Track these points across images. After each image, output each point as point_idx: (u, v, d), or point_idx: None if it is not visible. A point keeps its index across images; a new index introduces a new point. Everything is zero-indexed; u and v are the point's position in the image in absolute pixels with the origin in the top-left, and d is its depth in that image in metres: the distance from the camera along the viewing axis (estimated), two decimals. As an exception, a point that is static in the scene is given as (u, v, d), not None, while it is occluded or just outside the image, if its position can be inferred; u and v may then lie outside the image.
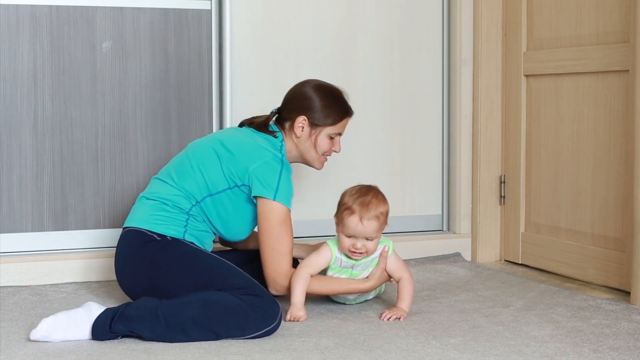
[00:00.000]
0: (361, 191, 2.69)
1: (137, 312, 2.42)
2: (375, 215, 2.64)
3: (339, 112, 2.84)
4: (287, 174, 2.72)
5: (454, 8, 3.63)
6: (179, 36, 3.34)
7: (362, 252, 2.67)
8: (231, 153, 2.73)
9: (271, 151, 2.74)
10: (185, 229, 2.69)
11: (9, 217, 3.19)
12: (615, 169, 3.05)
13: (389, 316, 2.63)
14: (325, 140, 2.83)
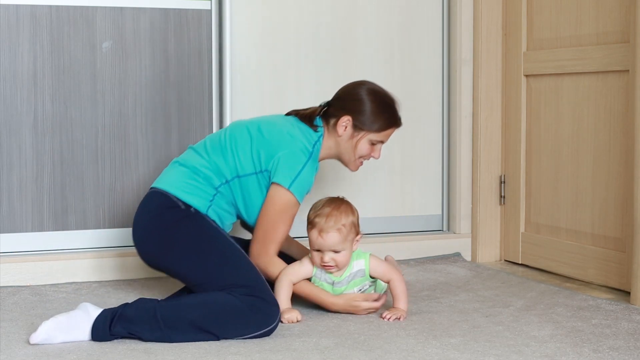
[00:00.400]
0: (324, 203, 2.69)
1: (135, 313, 2.42)
2: (335, 228, 2.62)
3: (386, 120, 2.80)
4: (310, 169, 2.72)
5: (454, 8, 3.63)
6: (179, 36, 3.34)
7: (332, 266, 2.64)
8: (263, 137, 2.74)
9: (303, 143, 2.74)
10: (210, 203, 2.70)
11: (9, 217, 3.19)
12: (615, 169, 3.05)
13: (389, 316, 2.63)
14: (365, 145, 2.80)
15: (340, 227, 2.63)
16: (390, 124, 2.81)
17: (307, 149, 2.73)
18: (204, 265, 2.59)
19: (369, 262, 2.70)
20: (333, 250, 2.63)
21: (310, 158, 2.72)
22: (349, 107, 2.79)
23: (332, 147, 2.83)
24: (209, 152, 2.76)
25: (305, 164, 2.70)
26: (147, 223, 2.69)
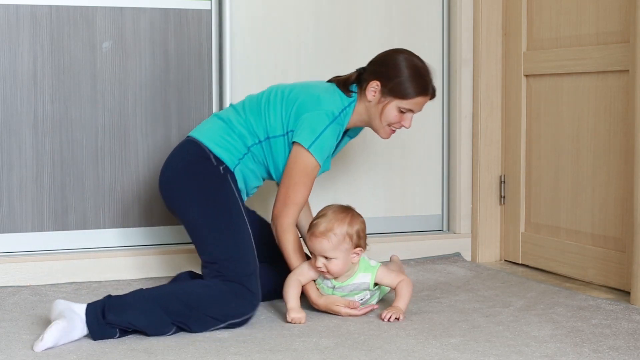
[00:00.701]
0: (329, 209, 2.69)
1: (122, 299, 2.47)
2: (323, 234, 2.61)
3: (415, 88, 2.75)
4: (332, 132, 2.72)
5: (454, 8, 3.63)
6: (179, 36, 3.34)
7: (323, 271, 2.64)
8: (294, 99, 2.77)
9: (330, 106, 2.74)
10: (238, 162, 2.76)
11: (9, 217, 3.19)
12: (615, 169, 3.05)
13: (388, 316, 2.63)
14: (392, 112, 2.77)
15: (330, 236, 2.61)
16: (418, 92, 2.76)
17: (333, 113, 2.73)
18: (211, 231, 2.66)
19: (376, 275, 2.69)
20: (323, 255, 2.62)
21: (333, 121, 2.72)
22: (379, 72, 2.78)
23: (363, 113, 2.82)
24: (246, 111, 2.82)
25: (327, 126, 2.71)
26: (176, 168, 2.76)
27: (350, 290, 2.69)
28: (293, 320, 2.60)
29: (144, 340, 2.42)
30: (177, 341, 2.41)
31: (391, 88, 2.75)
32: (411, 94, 2.75)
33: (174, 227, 3.35)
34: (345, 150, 3.54)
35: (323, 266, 2.63)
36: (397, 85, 2.75)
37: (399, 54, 2.81)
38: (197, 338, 2.44)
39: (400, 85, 2.75)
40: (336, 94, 2.80)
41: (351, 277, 2.67)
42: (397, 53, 2.81)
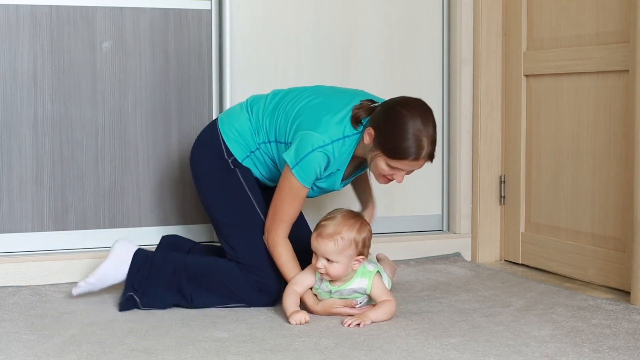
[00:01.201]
0: (337, 212, 2.68)
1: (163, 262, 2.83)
2: (331, 237, 2.60)
3: (404, 152, 2.58)
4: (316, 158, 2.66)
5: (454, 8, 3.63)
6: (179, 36, 3.34)
7: (323, 273, 2.63)
8: (301, 113, 2.76)
9: (325, 133, 2.68)
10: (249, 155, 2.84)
11: (9, 217, 3.19)
12: (615, 169, 3.05)
13: (349, 322, 2.57)
14: (381, 164, 2.65)
15: (337, 239, 2.60)
16: (406, 157, 2.59)
17: (323, 140, 2.67)
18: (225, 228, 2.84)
19: (372, 282, 2.67)
20: (326, 257, 2.62)
21: (320, 148, 2.66)
22: (377, 121, 2.64)
23: (364, 150, 2.73)
24: (266, 107, 2.85)
25: (312, 152, 2.66)
26: (195, 162, 2.92)
27: (348, 295, 2.69)
28: (297, 321, 2.60)
29: (144, 340, 2.42)
30: (177, 341, 2.41)
31: (381, 142, 2.61)
32: (398, 155, 2.60)
33: (174, 227, 3.35)
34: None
35: (323, 267, 2.62)
36: (386, 142, 2.60)
37: (403, 108, 2.61)
38: (197, 338, 2.44)
39: (389, 143, 2.59)
40: (343, 122, 2.71)
41: (348, 282, 2.67)
42: (402, 107, 2.61)
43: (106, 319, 2.64)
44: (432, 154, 2.62)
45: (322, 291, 2.70)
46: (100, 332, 2.49)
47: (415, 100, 2.67)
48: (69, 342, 2.40)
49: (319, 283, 2.70)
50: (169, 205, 3.36)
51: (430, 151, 2.61)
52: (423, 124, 2.58)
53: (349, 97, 2.80)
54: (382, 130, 2.61)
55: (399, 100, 2.67)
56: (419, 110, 2.61)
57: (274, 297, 2.80)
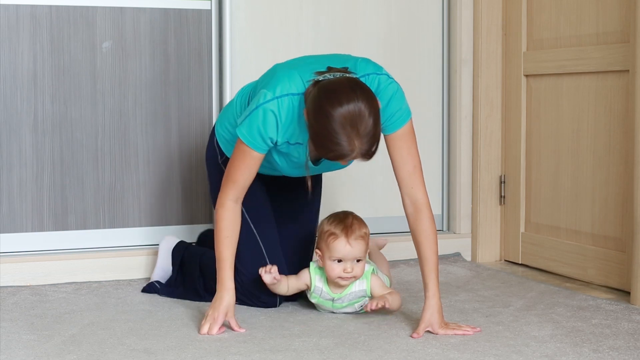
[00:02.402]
0: (338, 216, 2.66)
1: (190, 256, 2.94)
2: (360, 235, 2.61)
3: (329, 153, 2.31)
4: (260, 116, 2.43)
5: (454, 8, 3.63)
6: (179, 36, 3.34)
7: (350, 277, 2.62)
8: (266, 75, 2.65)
9: (273, 90, 2.44)
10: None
11: (9, 217, 3.19)
12: (615, 169, 3.05)
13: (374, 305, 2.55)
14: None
15: (363, 235, 2.62)
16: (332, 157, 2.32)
17: (266, 97, 2.43)
18: None
19: (371, 282, 2.67)
20: (357, 259, 2.61)
21: (263, 104, 2.42)
22: (308, 106, 2.36)
23: None
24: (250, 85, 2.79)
25: (255, 109, 2.43)
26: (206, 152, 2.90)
27: (349, 300, 2.68)
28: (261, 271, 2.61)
29: (143, 340, 2.42)
30: (177, 341, 2.41)
31: (310, 135, 2.34)
32: (325, 155, 2.33)
33: (174, 227, 3.35)
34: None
35: (352, 270, 2.60)
36: (314, 137, 2.32)
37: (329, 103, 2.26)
38: (197, 338, 2.44)
39: (317, 140, 2.31)
40: (296, 80, 2.45)
41: (348, 287, 2.67)
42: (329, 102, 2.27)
43: (106, 319, 2.64)
44: (368, 152, 2.31)
45: (323, 299, 2.69)
46: (100, 332, 2.49)
47: (343, 88, 2.30)
48: (69, 342, 2.40)
49: (319, 291, 2.68)
50: (169, 205, 3.36)
51: (366, 150, 2.30)
52: (352, 124, 2.25)
53: (324, 60, 2.52)
54: (310, 124, 2.33)
55: (326, 91, 2.30)
56: (347, 107, 2.26)
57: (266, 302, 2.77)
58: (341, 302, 2.68)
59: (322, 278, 2.68)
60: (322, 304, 2.70)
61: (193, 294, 2.89)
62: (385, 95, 2.48)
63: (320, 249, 2.65)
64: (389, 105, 2.49)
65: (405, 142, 2.52)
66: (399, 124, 2.51)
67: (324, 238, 2.63)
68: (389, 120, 2.50)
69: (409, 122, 2.53)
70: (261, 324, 2.61)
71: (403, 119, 2.52)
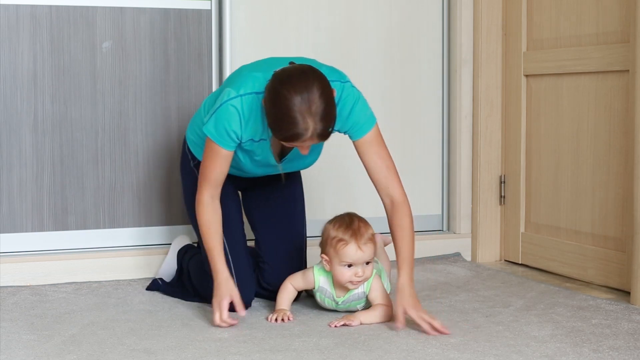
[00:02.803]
0: (344, 220, 2.62)
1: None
2: (369, 239, 2.60)
3: (285, 135, 2.38)
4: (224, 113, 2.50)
5: (454, 8, 3.63)
6: (179, 36, 3.34)
7: (362, 280, 2.61)
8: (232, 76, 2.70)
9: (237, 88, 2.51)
10: None
11: (9, 217, 3.19)
12: (615, 169, 3.05)
13: (335, 324, 2.56)
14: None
15: (372, 237, 2.61)
16: (288, 139, 2.39)
17: (230, 95, 2.50)
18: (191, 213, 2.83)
19: (371, 284, 2.66)
20: (367, 262, 2.60)
21: (227, 101, 2.50)
22: (265, 95, 2.44)
23: None
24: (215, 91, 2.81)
25: (220, 106, 2.51)
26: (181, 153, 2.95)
27: (352, 301, 2.67)
28: (270, 319, 2.60)
29: (143, 340, 2.42)
30: (177, 341, 2.41)
31: (269, 123, 2.42)
32: (283, 139, 2.41)
33: (174, 227, 3.35)
34: (345, 150, 3.53)
35: (363, 274, 2.59)
36: (272, 123, 2.41)
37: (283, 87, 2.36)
38: (197, 338, 2.44)
39: (274, 124, 2.40)
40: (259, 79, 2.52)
41: (351, 290, 2.66)
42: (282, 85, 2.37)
43: (106, 319, 2.64)
44: (324, 132, 2.38)
45: (329, 300, 2.68)
46: (100, 332, 2.49)
47: (296, 73, 2.39)
48: (69, 342, 2.40)
49: (323, 290, 2.67)
50: (169, 205, 3.36)
51: (321, 130, 2.36)
52: (302, 102, 2.33)
53: (285, 61, 2.58)
54: (267, 110, 2.41)
55: (281, 77, 2.40)
56: (299, 87, 2.34)
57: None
58: (344, 305, 2.68)
59: (328, 280, 2.67)
60: (326, 304, 2.70)
61: (189, 296, 2.91)
62: (349, 102, 2.58)
63: (328, 254, 2.61)
64: (353, 112, 2.58)
65: (373, 147, 2.62)
66: (365, 130, 2.60)
67: (332, 244, 2.59)
68: (355, 127, 2.60)
69: (375, 127, 2.62)
70: (261, 324, 2.61)
71: (369, 125, 2.61)
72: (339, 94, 2.56)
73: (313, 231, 3.45)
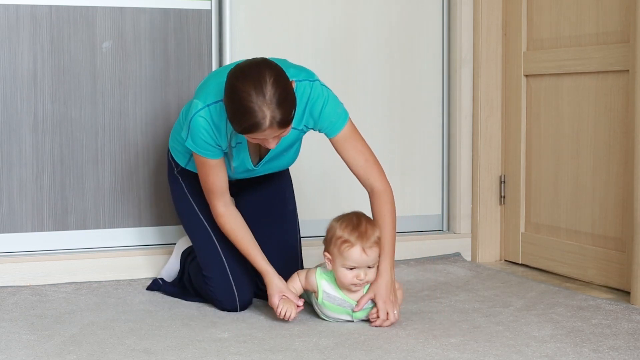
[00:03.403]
0: (352, 221, 2.56)
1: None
2: (374, 242, 2.54)
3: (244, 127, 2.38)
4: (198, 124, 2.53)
5: (454, 8, 3.63)
6: (179, 36, 3.34)
7: (364, 283, 2.56)
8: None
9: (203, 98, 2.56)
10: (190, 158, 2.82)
11: (9, 217, 3.19)
12: (615, 169, 3.05)
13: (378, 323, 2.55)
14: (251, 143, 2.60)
15: (377, 240, 2.55)
16: (248, 131, 2.39)
17: (198, 106, 2.54)
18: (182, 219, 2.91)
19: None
20: (371, 265, 2.55)
21: (196, 114, 2.53)
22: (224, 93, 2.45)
23: None
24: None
25: (192, 119, 2.54)
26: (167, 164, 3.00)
27: (365, 307, 2.60)
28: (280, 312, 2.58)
29: (143, 340, 2.42)
30: (177, 341, 2.41)
31: (229, 118, 2.42)
32: (244, 131, 2.40)
33: (174, 227, 3.35)
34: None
35: (365, 276, 2.54)
36: (231, 118, 2.40)
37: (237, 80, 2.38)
38: (197, 338, 2.45)
39: (234, 120, 2.40)
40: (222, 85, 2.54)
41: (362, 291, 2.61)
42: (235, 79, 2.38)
43: (106, 319, 2.64)
44: (283, 119, 2.37)
45: (342, 307, 2.59)
46: (100, 332, 2.49)
47: (249, 66, 2.40)
48: (69, 342, 2.40)
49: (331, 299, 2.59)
50: (169, 205, 3.36)
51: (280, 117, 2.36)
52: (257, 92, 2.33)
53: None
54: (226, 106, 2.41)
55: (235, 71, 2.41)
56: (252, 78, 2.35)
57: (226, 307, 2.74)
58: (358, 309, 2.59)
59: (332, 284, 2.60)
60: (339, 313, 2.61)
61: (189, 296, 2.92)
62: (319, 101, 2.60)
63: (331, 254, 2.56)
64: (324, 111, 2.60)
65: (350, 142, 2.64)
66: (339, 126, 2.62)
67: (336, 244, 2.54)
68: (329, 125, 2.63)
69: (348, 122, 2.65)
70: (261, 324, 2.61)
71: (342, 121, 2.63)
72: (307, 93, 2.58)
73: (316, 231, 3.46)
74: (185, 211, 2.86)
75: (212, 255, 2.77)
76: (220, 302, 2.74)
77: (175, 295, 2.93)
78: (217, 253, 2.77)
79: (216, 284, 2.75)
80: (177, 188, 2.89)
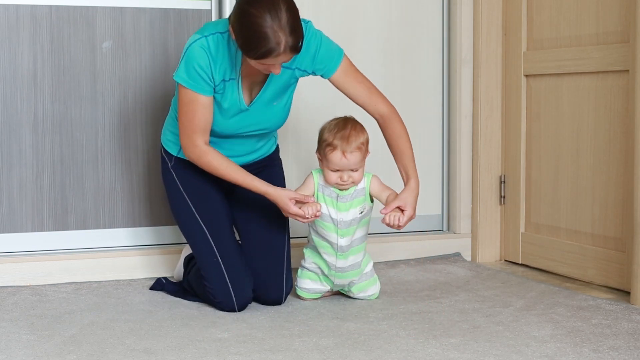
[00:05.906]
0: (339, 125, 2.73)
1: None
2: (356, 147, 2.70)
3: (259, 52, 2.44)
4: (194, 53, 2.57)
5: (454, 8, 3.63)
6: (179, 36, 3.34)
7: (348, 183, 2.72)
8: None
9: (204, 30, 2.60)
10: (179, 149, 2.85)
11: (9, 217, 3.19)
12: (615, 169, 3.05)
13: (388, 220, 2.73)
14: (252, 63, 2.53)
15: (360, 146, 2.71)
16: (263, 55, 2.44)
17: (196, 37, 2.59)
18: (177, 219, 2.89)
19: (370, 181, 2.78)
20: (352, 169, 2.70)
21: (194, 42, 2.57)
22: (232, 20, 2.50)
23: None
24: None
25: (187, 49, 2.59)
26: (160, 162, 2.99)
27: (352, 199, 2.75)
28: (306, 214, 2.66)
29: (143, 340, 2.42)
30: (177, 341, 2.41)
31: (240, 45, 2.48)
32: (259, 57, 2.46)
33: (174, 227, 3.35)
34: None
35: (349, 178, 2.71)
36: (243, 45, 2.47)
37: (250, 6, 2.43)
38: (197, 338, 2.45)
39: (246, 46, 2.46)
40: (220, 24, 2.63)
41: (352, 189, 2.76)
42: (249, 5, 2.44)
43: (106, 319, 2.64)
44: (295, 45, 2.45)
45: (327, 196, 2.75)
46: (100, 332, 2.49)
47: None
48: (69, 342, 2.40)
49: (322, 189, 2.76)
50: (168, 205, 3.36)
51: (292, 43, 2.44)
52: (272, 18, 2.40)
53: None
54: (237, 33, 2.47)
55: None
56: (266, 3, 2.42)
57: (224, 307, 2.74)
58: (344, 201, 2.74)
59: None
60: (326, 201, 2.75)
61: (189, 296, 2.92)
62: (314, 41, 2.68)
63: (320, 154, 2.76)
64: (319, 50, 2.69)
65: (350, 76, 2.75)
66: (336, 63, 2.73)
67: (322, 146, 2.73)
68: (327, 63, 2.72)
69: (344, 58, 2.75)
70: (261, 324, 2.61)
71: (338, 57, 2.74)
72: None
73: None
74: (181, 210, 2.85)
75: (209, 256, 2.77)
76: (219, 302, 2.74)
77: (176, 294, 2.93)
78: (213, 254, 2.77)
79: (213, 285, 2.74)
80: (172, 185, 2.88)
